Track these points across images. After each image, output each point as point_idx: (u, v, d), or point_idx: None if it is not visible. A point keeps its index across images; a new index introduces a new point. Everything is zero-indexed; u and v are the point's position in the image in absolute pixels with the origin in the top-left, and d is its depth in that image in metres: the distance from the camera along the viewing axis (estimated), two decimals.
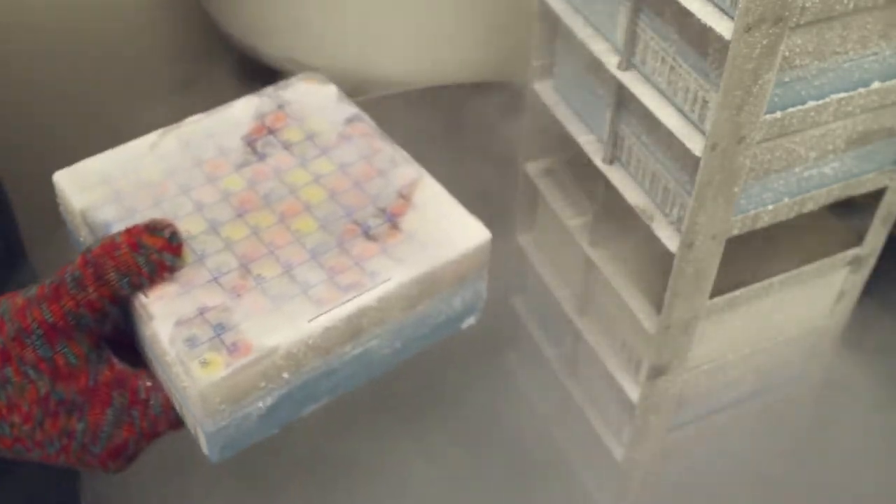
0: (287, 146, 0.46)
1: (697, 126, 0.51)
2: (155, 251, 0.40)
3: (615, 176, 0.59)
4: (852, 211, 0.64)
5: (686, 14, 0.48)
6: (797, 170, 0.54)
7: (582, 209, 0.66)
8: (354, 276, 0.41)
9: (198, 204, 0.44)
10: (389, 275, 0.41)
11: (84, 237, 0.45)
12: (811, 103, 0.51)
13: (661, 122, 0.52)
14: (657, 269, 0.58)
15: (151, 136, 0.47)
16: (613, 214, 0.62)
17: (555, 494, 0.70)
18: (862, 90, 0.52)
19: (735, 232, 0.55)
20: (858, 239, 0.63)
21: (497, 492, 0.72)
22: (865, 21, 0.49)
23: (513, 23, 0.90)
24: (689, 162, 0.51)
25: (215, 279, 0.41)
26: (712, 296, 0.58)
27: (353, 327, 0.41)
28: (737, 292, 0.59)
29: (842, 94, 0.51)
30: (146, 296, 0.40)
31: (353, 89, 0.95)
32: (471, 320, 0.46)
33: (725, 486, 0.69)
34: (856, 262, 0.64)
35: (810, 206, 0.57)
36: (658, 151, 0.55)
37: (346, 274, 0.41)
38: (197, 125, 0.48)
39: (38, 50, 1.12)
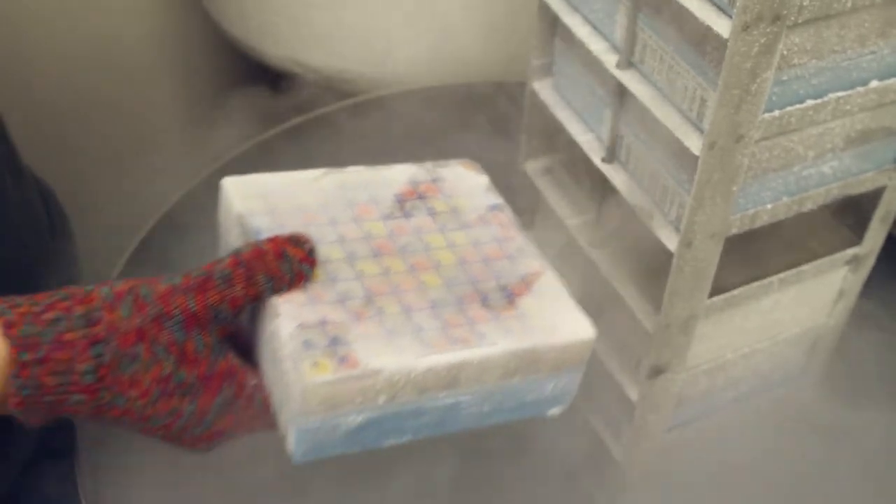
0: (431, 213, 0.51)
1: (696, 125, 0.51)
2: (296, 261, 0.44)
3: (614, 175, 0.59)
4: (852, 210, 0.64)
5: (684, 13, 0.48)
6: (796, 169, 0.54)
7: (581, 208, 0.67)
8: (465, 332, 0.45)
9: (341, 237, 0.48)
10: (496, 340, 0.44)
11: (234, 239, 0.49)
12: (809, 102, 0.51)
13: (659, 120, 0.52)
14: (656, 269, 0.58)
15: (315, 172, 0.51)
16: (612, 213, 0.62)
17: (554, 493, 0.70)
18: (860, 89, 0.52)
19: (734, 231, 0.55)
20: (858, 238, 0.63)
21: (496, 491, 0.72)
22: (863, 20, 0.49)
23: (512, 22, 0.90)
24: (687, 161, 0.51)
25: (341, 301, 0.44)
26: (711, 295, 0.58)
27: (452, 377, 0.44)
28: (735, 291, 0.59)
29: (840, 93, 0.51)
30: (279, 297, 0.44)
31: (354, 89, 0.95)
32: (556, 410, 0.49)
33: (725, 486, 0.69)
34: (855, 262, 0.64)
35: (809, 206, 0.57)
36: (657, 150, 0.55)
37: (457, 329, 0.45)
38: (357, 174, 0.52)
39: (42, 51, 1.13)
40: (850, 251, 0.63)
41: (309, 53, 0.97)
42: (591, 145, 0.61)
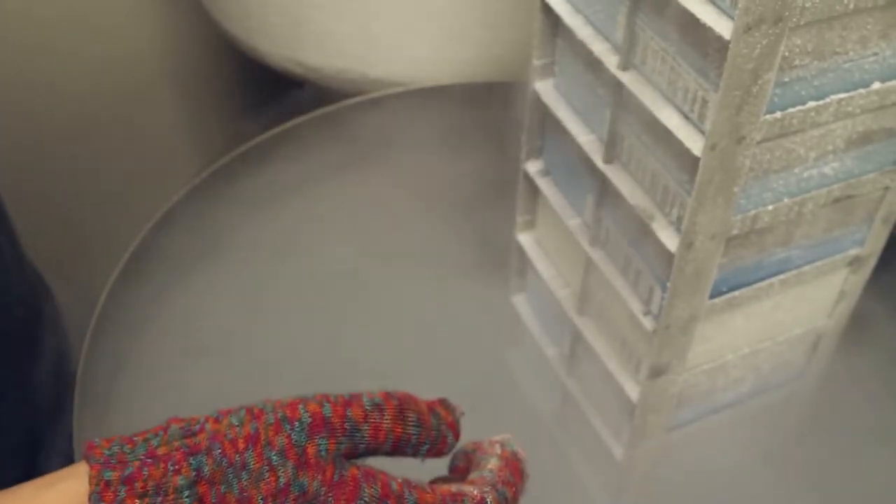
0: None
1: (697, 126, 0.51)
2: (444, 423, 0.39)
3: (615, 175, 0.59)
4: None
5: (686, 14, 0.48)
6: (797, 170, 0.54)
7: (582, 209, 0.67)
8: None
9: None
10: None
11: None
12: (811, 103, 0.51)
13: (660, 121, 0.52)
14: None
15: None
16: (613, 214, 0.62)
17: (554, 493, 0.70)
18: (862, 90, 0.52)
19: (735, 232, 0.55)
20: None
21: None
22: (865, 21, 0.49)
23: (513, 23, 0.90)
24: (688, 161, 0.51)
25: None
26: (712, 296, 0.58)
27: None
28: (736, 292, 0.59)
29: (842, 95, 0.51)
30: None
31: (354, 89, 0.95)
32: None
33: (725, 486, 0.69)
34: (856, 263, 0.64)
35: (810, 207, 0.57)
36: (658, 151, 0.55)
37: None
38: None
39: (42, 51, 1.13)
40: (852, 252, 0.63)
41: (309, 53, 0.97)
42: (591, 146, 0.61)
